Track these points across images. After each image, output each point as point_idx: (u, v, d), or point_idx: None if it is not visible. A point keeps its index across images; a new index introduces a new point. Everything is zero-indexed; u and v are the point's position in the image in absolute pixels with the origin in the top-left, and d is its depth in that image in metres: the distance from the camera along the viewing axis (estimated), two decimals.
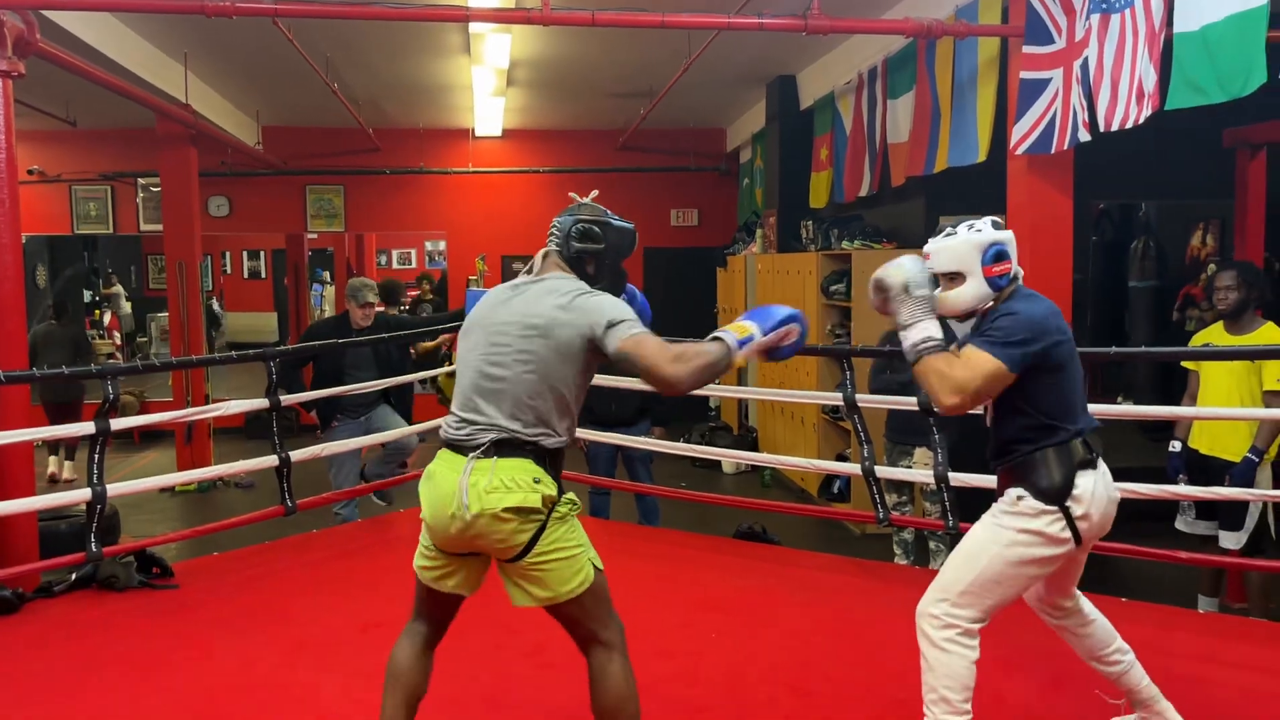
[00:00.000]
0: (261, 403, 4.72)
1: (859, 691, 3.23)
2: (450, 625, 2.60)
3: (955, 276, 2.56)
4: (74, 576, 4.17)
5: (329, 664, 3.45)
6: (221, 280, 16.80)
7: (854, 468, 4.66)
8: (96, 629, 3.82)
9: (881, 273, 2.54)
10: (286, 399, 4.93)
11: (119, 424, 4.37)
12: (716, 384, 9.26)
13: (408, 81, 8.65)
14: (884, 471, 4.59)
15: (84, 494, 4.08)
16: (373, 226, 11.96)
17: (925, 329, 2.47)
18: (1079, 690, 3.13)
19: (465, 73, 8.20)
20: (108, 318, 14.41)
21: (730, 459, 7.84)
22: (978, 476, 4.23)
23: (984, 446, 2.68)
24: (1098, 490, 2.49)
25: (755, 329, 2.37)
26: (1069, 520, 2.46)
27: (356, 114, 8.95)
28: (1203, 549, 4.41)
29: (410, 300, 11.61)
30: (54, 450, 8.53)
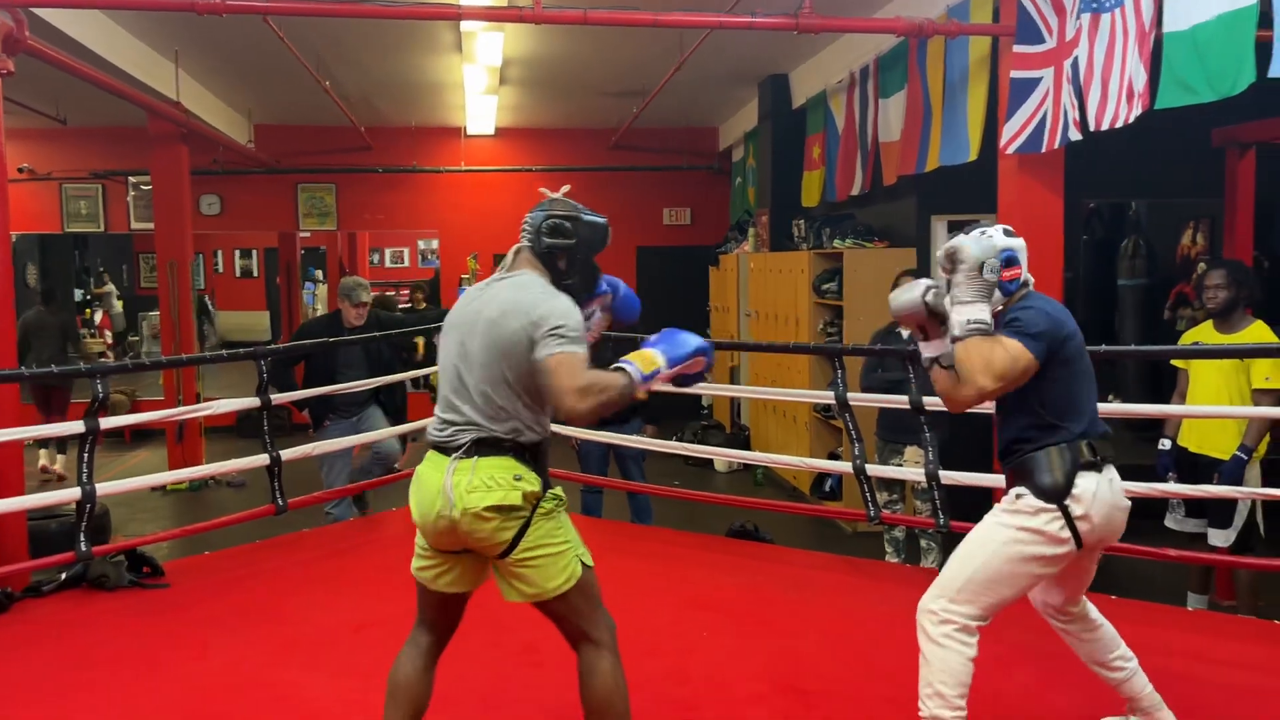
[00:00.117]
0: (252, 401, 4.71)
1: (850, 689, 3.23)
2: (453, 635, 2.58)
3: None
4: (64, 576, 4.17)
5: (320, 663, 3.45)
6: (213, 279, 16.77)
7: (845, 466, 4.67)
8: (86, 628, 3.81)
9: (960, 242, 2.53)
10: (278, 398, 4.92)
11: (109, 423, 4.36)
12: (710, 382, 9.28)
13: (400, 80, 8.63)
14: (875, 470, 4.60)
15: (74, 493, 4.07)
16: (365, 225, 11.93)
17: (982, 309, 2.48)
18: (1073, 690, 3.14)
19: (457, 71, 8.19)
20: (99, 316, 14.37)
21: (723, 457, 7.84)
22: (968, 475, 4.25)
23: (974, 445, 2.69)
24: (1100, 493, 2.49)
25: (662, 362, 2.36)
26: (1068, 520, 2.47)
27: (349, 112, 8.93)
28: (1192, 546, 4.43)
29: (406, 309, 11.59)
30: (43, 444, 8.49)
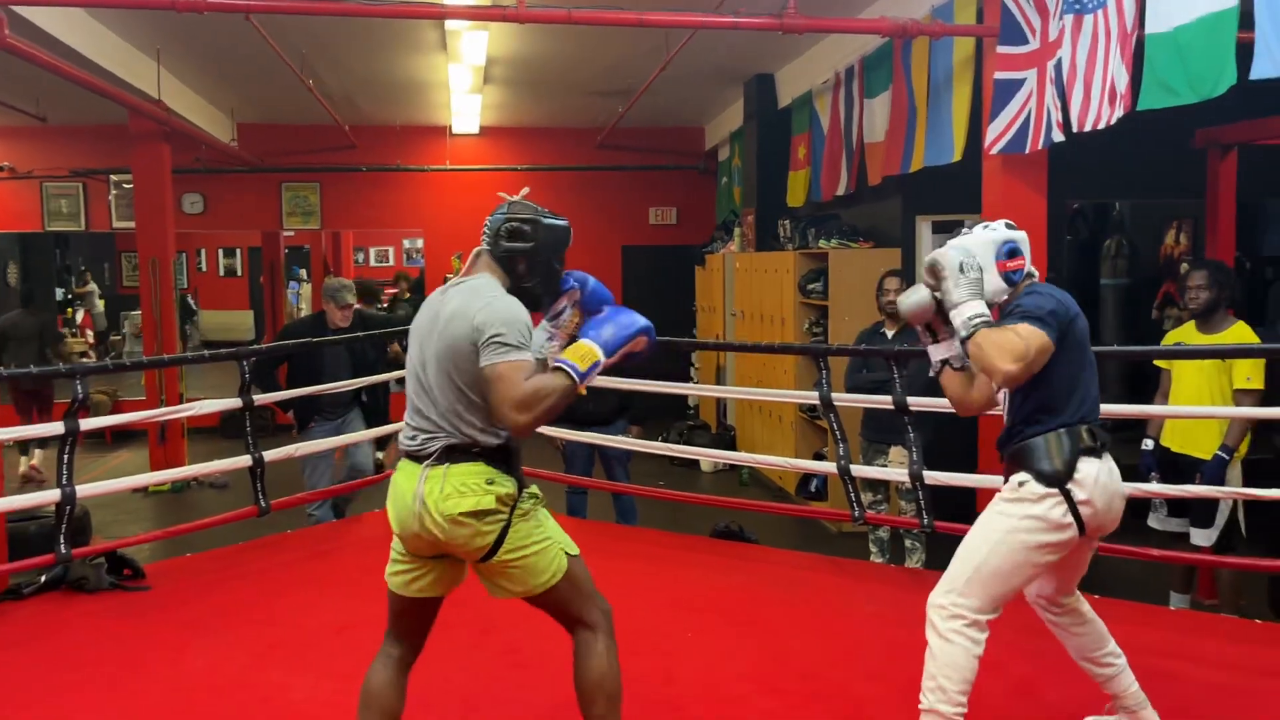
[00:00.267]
0: (235, 402, 4.68)
1: (836, 689, 3.23)
2: (424, 644, 2.57)
3: None
4: (43, 578, 4.13)
5: (303, 664, 3.43)
6: (197, 278, 16.68)
7: (830, 466, 4.68)
8: (66, 631, 3.77)
9: (937, 254, 2.60)
10: (260, 398, 4.89)
11: (89, 424, 4.32)
12: (695, 382, 9.24)
13: (384, 78, 8.60)
14: (860, 470, 4.60)
15: (53, 495, 4.03)
16: (349, 224, 11.88)
17: (978, 305, 2.52)
18: (1064, 687, 3.15)
19: (442, 70, 8.16)
20: (80, 316, 14.26)
21: (708, 458, 7.84)
22: (952, 475, 4.26)
23: (958, 445, 2.70)
24: (1101, 478, 2.52)
25: (600, 354, 2.34)
26: (1070, 505, 2.49)
27: (332, 111, 8.89)
28: (1174, 546, 4.45)
29: (389, 299, 11.54)
30: (24, 451, 8.41)
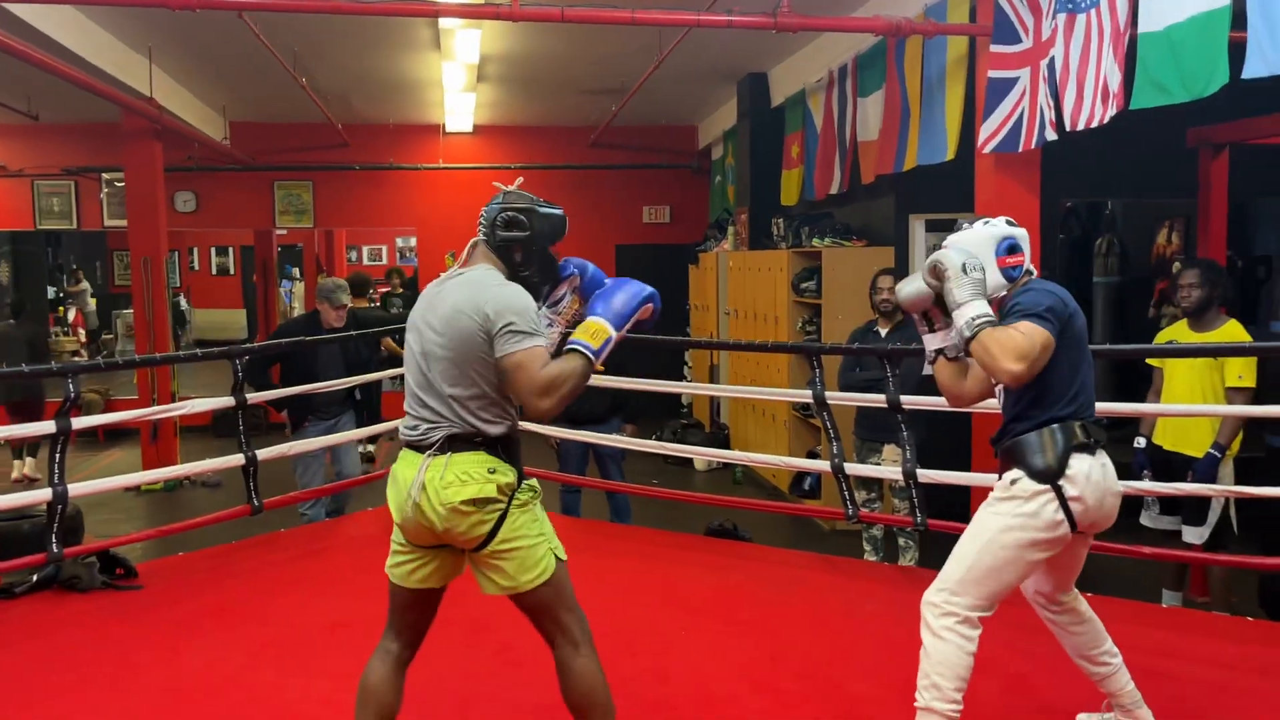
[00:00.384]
0: (227, 401, 4.67)
1: (829, 688, 3.24)
2: (423, 641, 2.57)
3: None
4: (35, 578, 4.11)
5: (295, 664, 3.42)
6: (189, 277, 16.63)
7: (824, 465, 4.68)
8: (58, 630, 3.76)
9: (939, 255, 2.60)
10: (254, 397, 4.88)
11: (81, 422, 4.31)
12: (688, 381, 9.24)
13: (377, 77, 8.58)
14: (853, 468, 4.61)
15: (45, 494, 4.02)
16: (342, 222, 11.85)
17: (981, 305, 2.52)
18: (1058, 686, 3.16)
19: (435, 68, 8.15)
20: (72, 314, 14.21)
21: (702, 456, 7.83)
22: (946, 473, 4.27)
23: (951, 444, 2.70)
24: (1093, 475, 2.52)
25: (610, 329, 2.38)
26: (1062, 501, 2.49)
27: (325, 109, 8.87)
28: (1166, 544, 4.46)
29: (381, 295, 11.51)
30: (17, 454, 8.38)
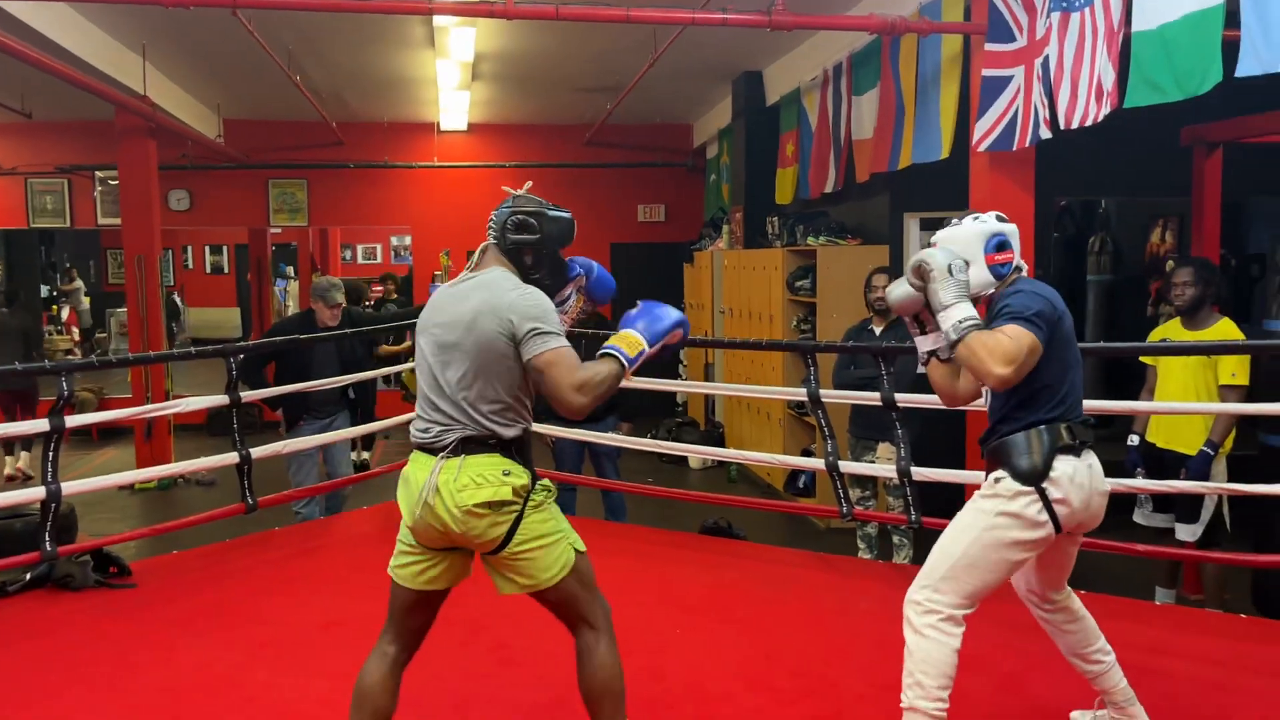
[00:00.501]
0: (221, 399, 4.66)
1: (824, 686, 3.24)
2: (422, 641, 2.57)
3: None
4: (28, 576, 4.10)
5: (290, 662, 3.42)
6: (183, 275, 16.60)
7: (818, 463, 4.68)
8: (51, 629, 3.75)
9: (924, 255, 2.56)
10: (248, 395, 4.87)
11: (75, 421, 4.30)
12: (683, 379, 9.28)
13: (371, 75, 8.56)
14: (848, 466, 4.61)
15: (38, 492, 4.01)
16: (337, 221, 11.83)
17: (966, 308, 2.49)
18: (1040, 684, 3.17)
19: (430, 66, 8.14)
20: (66, 313, 14.18)
21: (697, 455, 7.83)
22: (940, 471, 4.27)
23: (946, 442, 2.70)
24: (1078, 477, 2.50)
25: (645, 342, 2.42)
26: (1046, 503, 2.48)
27: (319, 107, 8.85)
28: (1159, 541, 4.47)
29: (375, 299, 11.50)
30: (9, 450, 8.36)
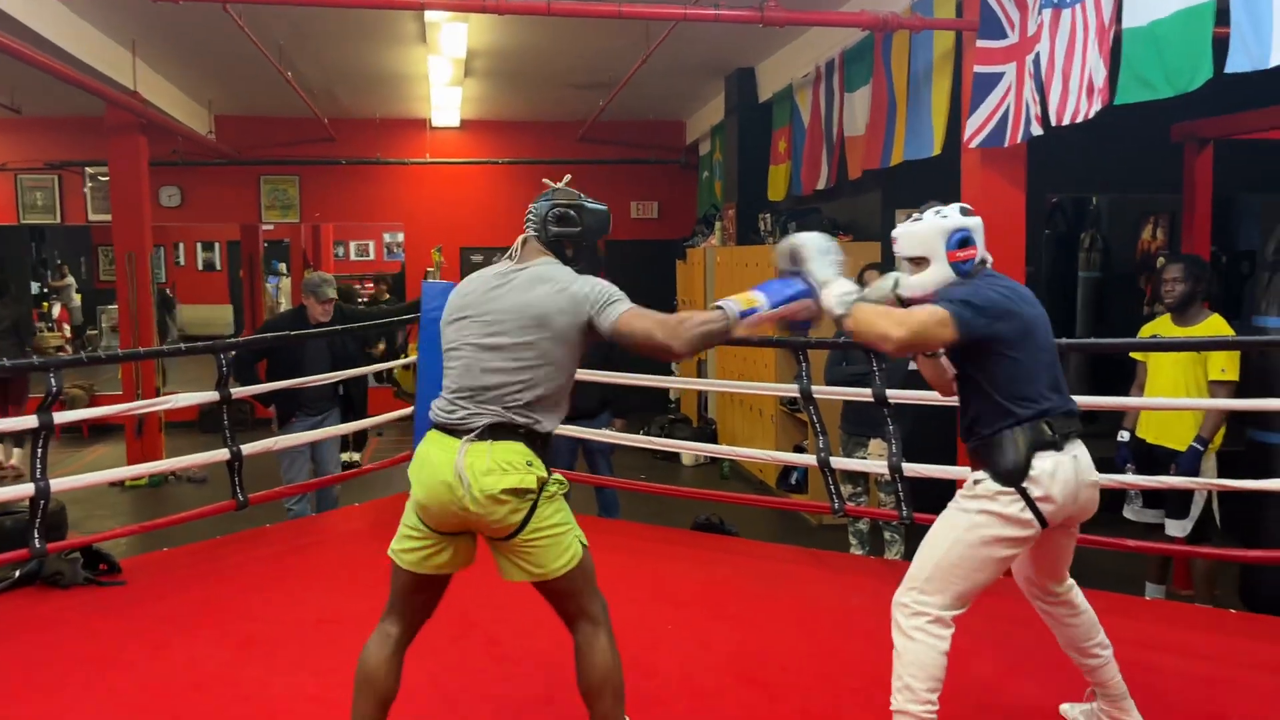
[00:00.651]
0: (212, 396, 4.64)
1: (814, 681, 3.24)
2: (425, 622, 2.58)
3: (919, 261, 2.59)
4: (17, 574, 4.08)
5: (280, 660, 3.41)
6: (175, 272, 16.54)
7: (810, 459, 4.69)
8: (40, 627, 3.74)
9: (796, 237, 2.53)
10: (239, 391, 4.86)
11: (63, 417, 4.28)
12: (676, 375, 9.30)
13: (363, 71, 8.54)
14: (839, 463, 4.62)
15: (27, 489, 3.99)
16: (329, 217, 11.80)
17: (846, 282, 2.45)
18: (1036, 679, 3.18)
19: (422, 62, 8.12)
20: (57, 310, 14.13)
21: (689, 451, 7.85)
22: (931, 467, 4.28)
23: (937, 438, 2.70)
24: (1060, 472, 2.46)
25: (762, 301, 2.39)
26: (1028, 501, 2.46)
27: (311, 103, 8.83)
28: (1149, 537, 4.49)
29: (366, 300, 11.48)
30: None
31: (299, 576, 4.34)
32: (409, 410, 5.75)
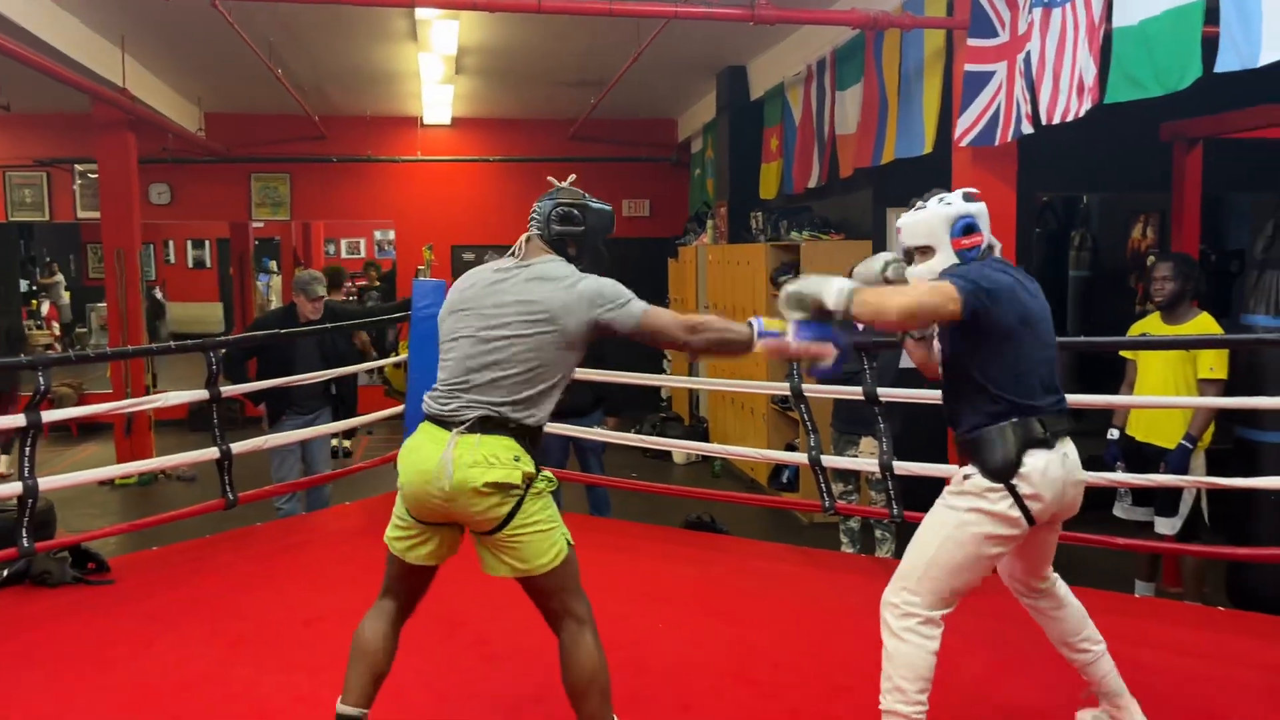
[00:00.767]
0: (201, 394, 4.62)
1: (804, 679, 3.25)
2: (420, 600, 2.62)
3: (925, 250, 2.58)
4: (5, 573, 4.06)
5: (270, 659, 3.40)
6: (165, 270, 16.47)
7: (801, 457, 4.69)
8: (29, 626, 3.72)
9: (793, 288, 2.41)
10: (228, 390, 4.84)
11: (52, 416, 4.26)
12: (668, 373, 9.29)
13: (353, 68, 8.51)
14: (830, 461, 4.62)
15: (15, 488, 3.97)
16: (319, 215, 11.76)
17: (839, 279, 2.38)
18: (1027, 678, 3.18)
19: (412, 60, 8.09)
20: (46, 308, 14.06)
21: (681, 449, 7.85)
22: (922, 465, 4.28)
23: (928, 436, 2.69)
24: (1050, 471, 2.45)
25: (789, 328, 2.42)
26: (1017, 499, 2.45)
27: (302, 101, 8.80)
28: (1139, 535, 4.51)
29: (358, 288, 11.45)
30: None
31: (289, 575, 4.33)
32: (400, 408, 5.74)
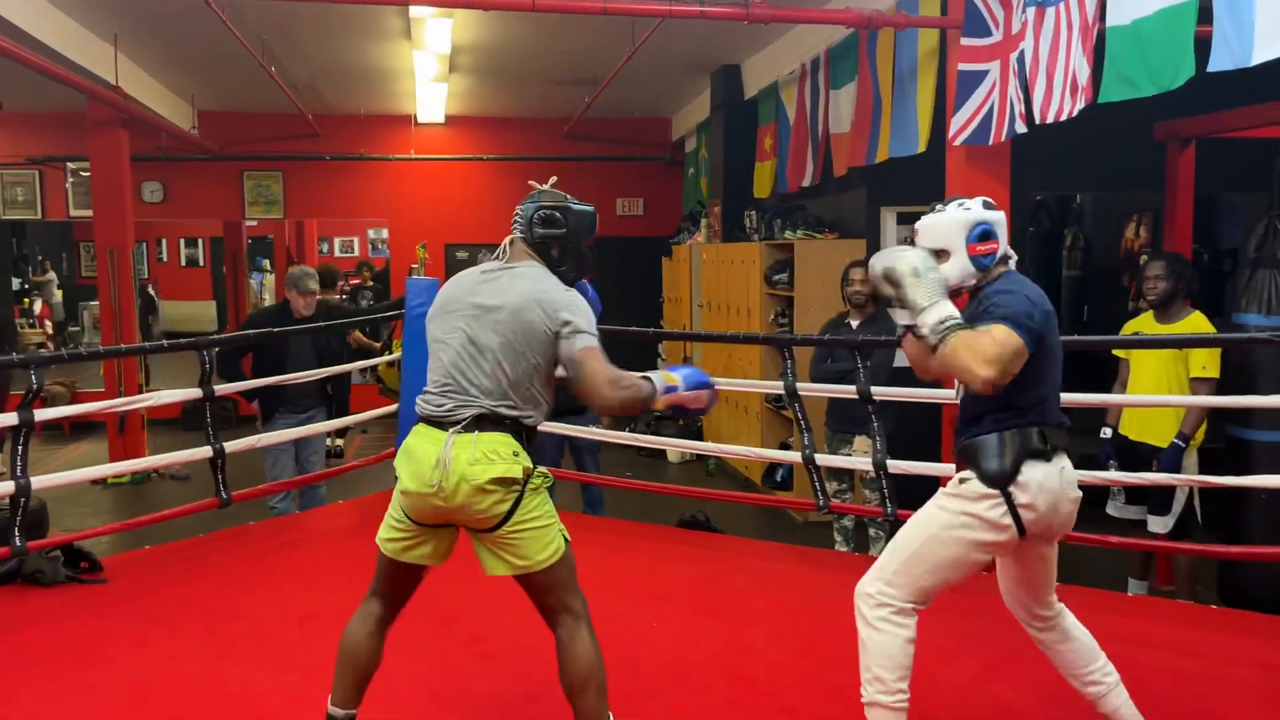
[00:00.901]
0: (195, 392, 4.61)
1: (798, 678, 3.25)
2: (404, 608, 2.62)
3: (940, 253, 2.57)
4: None
5: (264, 657, 3.40)
6: (158, 268, 16.43)
7: (795, 456, 4.69)
8: (21, 625, 3.71)
9: (886, 261, 2.48)
10: (222, 388, 4.83)
11: (44, 414, 4.24)
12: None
13: (347, 66, 8.50)
14: (824, 460, 4.63)
15: (7, 487, 3.95)
16: (313, 213, 11.74)
17: (945, 308, 2.41)
18: (1017, 679, 3.19)
19: (406, 58, 8.08)
20: (38, 306, 14.01)
21: (675, 448, 7.85)
22: (916, 464, 4.29)
23: (921, 435, 2.69)
24: (1048, 483, 2.45)
25: (680, 382, 2.51)
26: (1011, 507, 2.44)
27: (295, 99, 8.77)
28: (1132, 533, 4.52)
29: (350, 287, 11.42)
30: None
31: (282, 574, 4.32)
32: (393, 407, 5.73)
